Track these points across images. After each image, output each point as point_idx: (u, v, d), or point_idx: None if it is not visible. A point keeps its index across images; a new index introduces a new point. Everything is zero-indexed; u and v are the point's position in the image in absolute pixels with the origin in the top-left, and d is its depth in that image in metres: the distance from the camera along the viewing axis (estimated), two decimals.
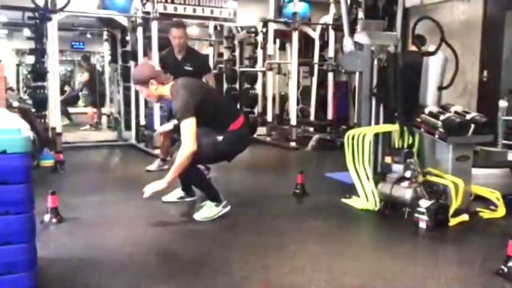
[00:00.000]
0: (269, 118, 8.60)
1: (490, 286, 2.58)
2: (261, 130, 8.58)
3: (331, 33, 8.65)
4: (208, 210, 3.74)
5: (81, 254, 2.99)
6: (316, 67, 9.00)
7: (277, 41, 9.30)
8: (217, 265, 2.85)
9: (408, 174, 3.83)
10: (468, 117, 3.90)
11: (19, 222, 1.97)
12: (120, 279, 2.65)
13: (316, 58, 8.99)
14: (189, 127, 3.47)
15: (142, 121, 7.54)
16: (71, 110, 10.94)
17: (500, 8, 6.42)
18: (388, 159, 3.99)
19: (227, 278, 2.64)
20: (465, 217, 3.65)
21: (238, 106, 8.68)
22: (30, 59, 8.20)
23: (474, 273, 2.75)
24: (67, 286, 2.52)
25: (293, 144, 7.66)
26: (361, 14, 7.34)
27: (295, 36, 7.82)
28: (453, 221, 3.57)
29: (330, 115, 8.74)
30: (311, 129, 8.83)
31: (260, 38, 8.60)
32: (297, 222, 3.75)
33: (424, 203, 3.54)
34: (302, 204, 4.35)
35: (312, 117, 8.96)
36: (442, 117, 3.83)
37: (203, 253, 3.07)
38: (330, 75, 8.73)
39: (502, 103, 5.34)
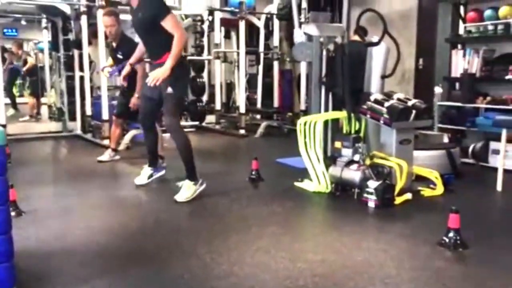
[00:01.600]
0: (218, 106, 8.68)
1: (434, 255, 2.88)
2: (210, 118, 8.66)
3: (276, 22, 8.83)
4: (187, 190, 3.95)
5: (48, 246, 3.01)
6: (262, 56, 9.17)
7: (222, 29, 9.37)
8: (186, 249, 2.97)
9: (356, 157, 4.11)
10: (409, 103, 4.22)
11: None
12: (93, 266, 2.71)
13: (261, 47, 9.16)
14: (174, 18, 3.80)
15: (88, 111, 7.41)
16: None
17: None
18: (338, 144, 4.26)
19: (198, 260, 2.77)
20: (408, 195, 3.98)
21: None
22: None
23: (419, 245, 3.04)
24: (42, 276, 2.55)
25: (242, 131, 7.82)
26: (304, 4, 7.57)
27: (242, 25, 7.92)
28: (398, 200, 3.89)
29: (276, 102, 8.96)
30: (258, 116, 9.03)
31: (206, 26, 8.63)
32: (255, 206, 3.93)
33: (372, 184, 3.84)
34: (258, 189, 4.53)
35: (259, 105, 9.14)
36: (386, 104, 4.13)
37: (170, 239, 3.18)
38: (276, 64, 8.93)
39: (437, 90, 5.77)
